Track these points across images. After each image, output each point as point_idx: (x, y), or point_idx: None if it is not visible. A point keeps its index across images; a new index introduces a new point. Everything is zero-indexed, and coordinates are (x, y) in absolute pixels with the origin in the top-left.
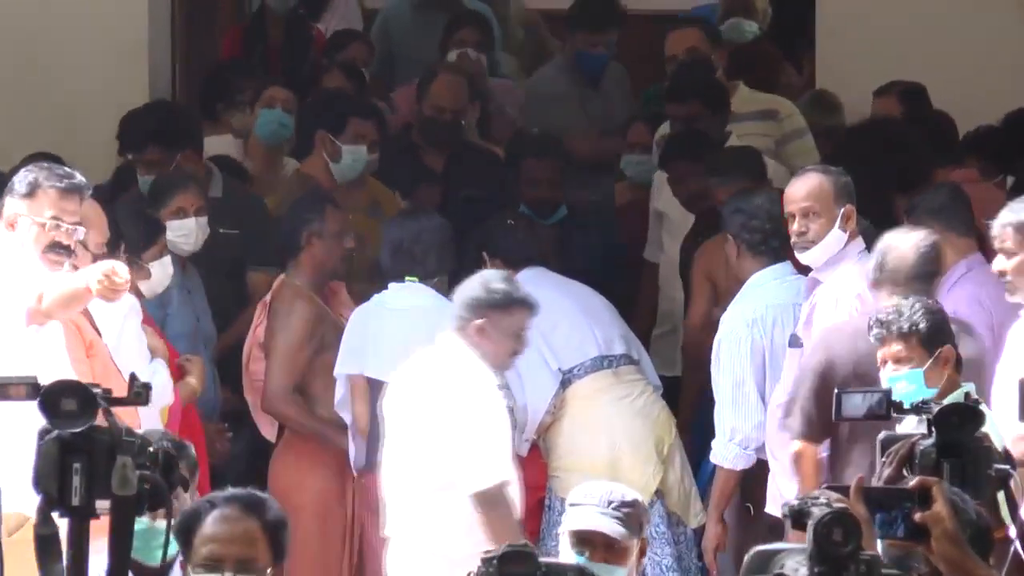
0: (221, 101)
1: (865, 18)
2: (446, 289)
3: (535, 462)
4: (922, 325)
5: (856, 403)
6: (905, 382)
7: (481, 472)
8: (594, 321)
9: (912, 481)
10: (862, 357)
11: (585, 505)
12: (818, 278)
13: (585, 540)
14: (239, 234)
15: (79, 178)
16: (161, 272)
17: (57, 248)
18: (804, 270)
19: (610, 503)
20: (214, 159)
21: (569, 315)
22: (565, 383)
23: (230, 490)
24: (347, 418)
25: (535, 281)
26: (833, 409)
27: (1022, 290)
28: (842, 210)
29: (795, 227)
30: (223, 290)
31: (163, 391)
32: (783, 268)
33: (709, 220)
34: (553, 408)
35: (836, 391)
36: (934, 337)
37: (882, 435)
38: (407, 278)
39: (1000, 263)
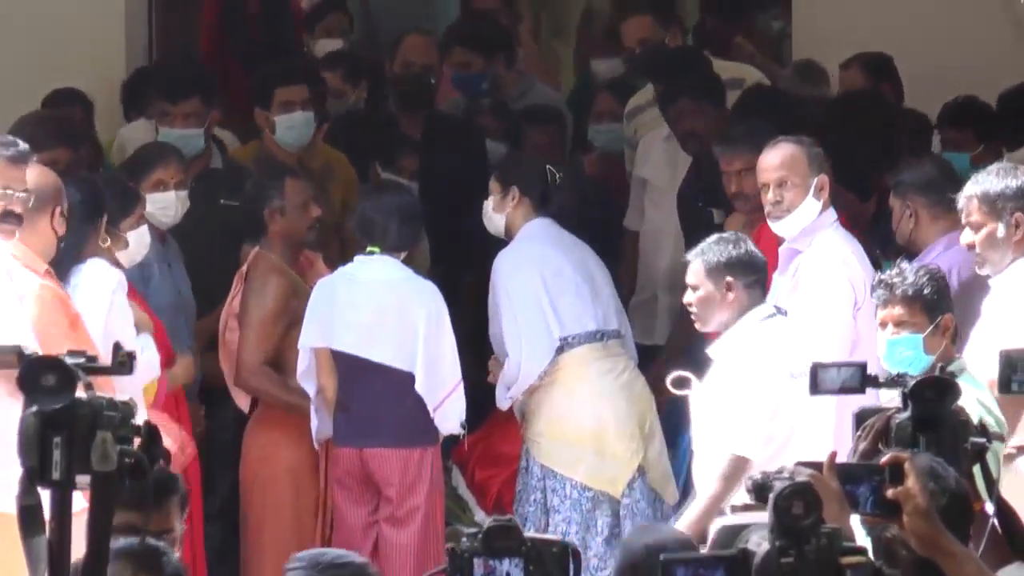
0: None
1: None
2: (426, 263)
3: (511, 432)
4: (927, 291)
5: (832, 377)
6: (904, 346)
7: None
8: (596, 293)
9: (885, 456)
10: None
11: (295, 569)
12: (796, 248)
13: None
14: (239, 206)
15: (23, 145)
16: (138, 242)
17: (9, 218)
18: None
19: (318, 565)
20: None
21: (576, 282)
22: (558, 349)
23: (122, 541)
24: (310, 390)
25: (549, 236)
26: (808, 384)
27: (991, 262)
28: (816, 180)
29: (769, 196)
30: (223, 261)
31: (149, 365)
32: None
33: (704, 162)
34: (543, 373)
35: (812, 364)
36: (937, 304)
37: (857, 409)
38: (368, 248)
39: (968, 236)
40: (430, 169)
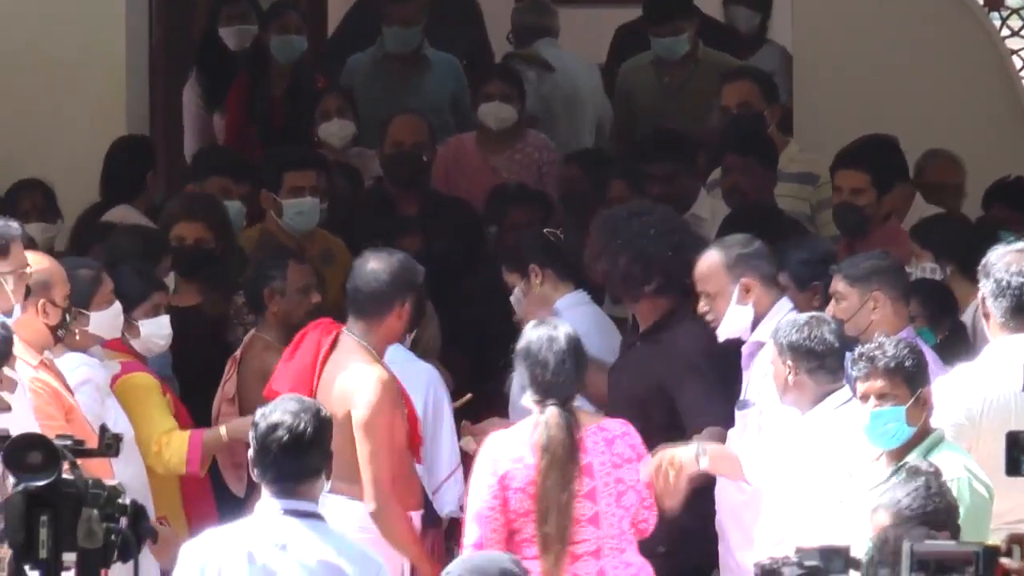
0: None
1: (840, 70)
2: (436, 346)
3: None
4: (908, 363)
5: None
6: (887, 418)
7: None
8: None
9: None
10: None
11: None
12: (758, 341)
13: None
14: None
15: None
16: (155, 331)
17: (28, 294)
18: None
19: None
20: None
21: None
22: None
23: None
24: None
25: (581, 317)
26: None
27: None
28: (736, 286)
29: (700, 307)
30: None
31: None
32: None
33: (740, 218)
34: None
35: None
36: (916, 376)
37: None
38: None
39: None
40: (430, 249)
